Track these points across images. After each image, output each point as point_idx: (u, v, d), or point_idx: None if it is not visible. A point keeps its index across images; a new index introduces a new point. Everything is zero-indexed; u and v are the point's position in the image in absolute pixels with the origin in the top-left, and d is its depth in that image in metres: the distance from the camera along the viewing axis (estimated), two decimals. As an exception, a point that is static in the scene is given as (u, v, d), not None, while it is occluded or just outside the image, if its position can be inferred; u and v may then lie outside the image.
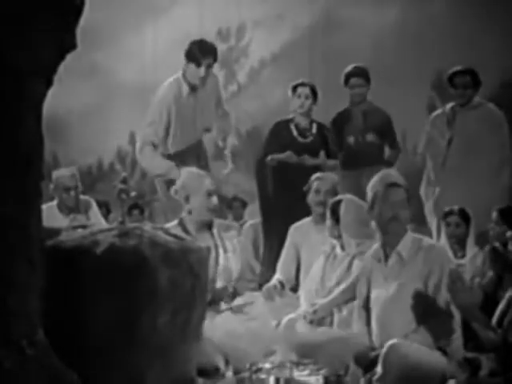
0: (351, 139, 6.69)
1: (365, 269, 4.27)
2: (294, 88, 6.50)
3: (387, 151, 6.82)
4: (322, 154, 6.50)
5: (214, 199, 5.09)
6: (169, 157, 6.21)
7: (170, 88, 6.16)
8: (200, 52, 6.09)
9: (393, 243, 4.13)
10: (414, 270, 4.03)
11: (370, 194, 4.23)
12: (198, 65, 6.06)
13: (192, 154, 6.28)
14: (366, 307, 4.21)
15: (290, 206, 6.20)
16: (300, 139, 6.47)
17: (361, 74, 6.68)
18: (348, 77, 6.68)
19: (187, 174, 5.29)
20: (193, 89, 6.18)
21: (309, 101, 6.46)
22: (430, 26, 10.13)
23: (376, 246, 4.25)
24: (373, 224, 4.37)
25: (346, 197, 5.12)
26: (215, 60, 6.19)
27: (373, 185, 4.25)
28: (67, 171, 6.50)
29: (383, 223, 4.15)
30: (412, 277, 4.02)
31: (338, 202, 5.06)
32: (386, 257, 4.15)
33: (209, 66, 6.11)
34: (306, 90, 6.46)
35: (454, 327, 3.93)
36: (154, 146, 6.11)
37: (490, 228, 5.59)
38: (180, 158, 6.19)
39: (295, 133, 6.48)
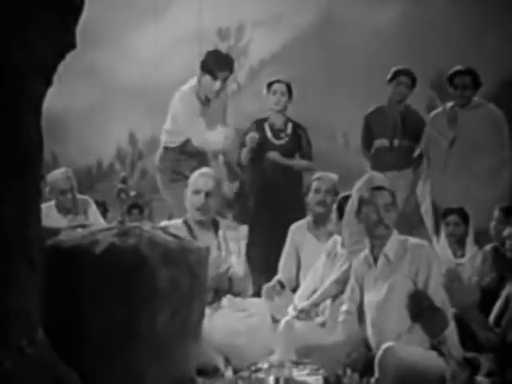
0: (385, 141, 6.60)
1: (357, 275, 4.26)
2: (269, 85, 6.47)
3: (415, 153, 6.71)
4: (297, 155, 6.49)
5: (200, 198, 5.04)
6: (174, 150, 6.18)
7: (191, 92, 6.03)
8: (217, 64, 5.94)
9: (380, 246, 4.14)
10: (402, 270, 4.03)
11: (355, 198, 4.24)
12: (214, 78, 5.93)
13: (200, 157, 6.25)
14: (360, 312, 4.21)
15: (269, 206, 6.21)
16: (274, 141, 6.46)
17: (410, 75, 6.59)
18: (398, 73, 6.54)
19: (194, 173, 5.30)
20: (207, 99, 6.09)
21: (284, 98, 6.43)
22: (430, 25, 10.13)
23: (365, 251, 4.25)
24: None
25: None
26: (231, 72, 6.09)
27: (358, 188, 4.26)
28: (62, 174, 6.45)
29: (370, 227, 4.16)
30: (401, 277, 4.02)
31: (346, 198, 5.05)
32: (375, 260, 4.15)
33: (225, 79, 5.99)
34: (282, 87, 6.43)
35: (447, 321, 3.93)
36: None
37: (493, 227, 5.58)
38: (187, 155, 6.16)
39: (269, 134, 6.46)
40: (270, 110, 6.48)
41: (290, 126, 6.50)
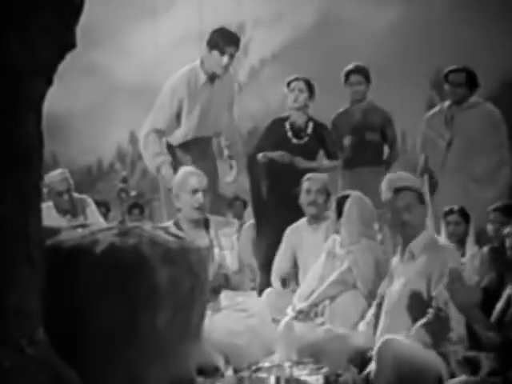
0: (350, 138, 6.64)
1: (391, 269, 4.30)
2: (289, 84, 6.43)
3: (386, 152, 6.79)
4: (321, 154, 6.42)
5: (199, 197, 5.00)
6: (170, 148, 6.07)
7: (184, 75, 5.99)
8: (224, 40, 5.92)
9: (406, 242, 4.18)
10: (420, 267, 4.06)
11: (383, 199, 4.31)
12: (222, 53, 5.89)
13: (198, 152, 6.14)
14: (380, 304, 4.25)
15: (282, 205, 6.15)
16: (294, 140, 6.35)
17: (361, 71, 6.65)
18: (348, 74, 6.65)
19: (180, 172, 5.26)
20: (211, 79, 6.01)
21: (303, 94, 6.34)
22: (430, 25, 10.15)
23: (399, 246, 4.29)
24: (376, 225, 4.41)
25: (355, 193, 5.11)
26: (238, 49, 6.02)
27: (384, 191, 4.34)
28: (58, 176, 6.42)
29: (394, 229, 4.22)
30: (417, 274, 4.05)
31: (345, 197, 5.07)
32: (403, 254, 4.21)
33: (231, 56, 5.95)
34: (300, 84, 6.35)
35: (450, 326, 3.94)
36: (160, 133, 5.95)
37: (492, 229, 5.56)
38: (184, 150, 6.09)
39: (290, 133, 6.36)
40: (290, 108, 6.41)
41: (310, 125, 6.41)
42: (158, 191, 6.51)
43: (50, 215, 6.13)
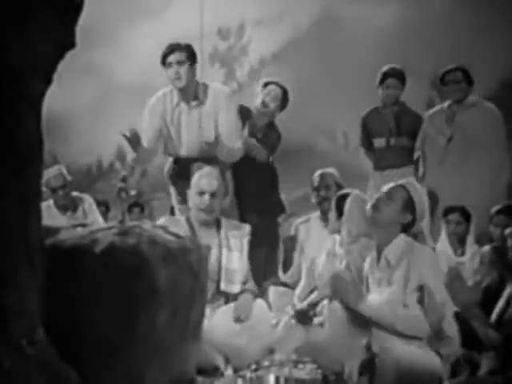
0: (382, 141, 6.60)
1: (364, 275, 4.26)
2: (266, 85, 6.26)
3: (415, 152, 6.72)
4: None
5: (205, 199, 5.03)
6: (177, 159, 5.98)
7: (162, 95, 5.89)
8: (164, 53, 5.78)
9: (382, 246, 4.12)
10: (400, 277, 4.02)
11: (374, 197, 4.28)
12: (169, 65, 5.73)
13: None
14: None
15: (239, 205, 6.08)
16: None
17: (398, 75, 6.57)
18: (385, 76, 6.56)
19: (197, 173, 5.26)
20: (185, 100, 5.80)
21: (275, 103, 6.19)
22: (430, 25, 10.15)
23: (373, 251, 4.24)
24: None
25: (354, 191, 5.11)
26: (192, 59, 5.76)
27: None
28: (53, 171, 6.41)
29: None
30: (398, 282, 4.00)
31: (344, 196, 5.06)
32: (378, 260, 4.15)
33: (179, 63, 5.71)
34: (277, 91, 6.19)
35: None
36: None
37: (495, 232, 5.55)
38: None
39: (246, 131, 6.21)
40: (256, 110, 6.26)
41: (267, 129, 6.27)
42: (158, 190, 6.49)
43: (50, 214, 6.13)
